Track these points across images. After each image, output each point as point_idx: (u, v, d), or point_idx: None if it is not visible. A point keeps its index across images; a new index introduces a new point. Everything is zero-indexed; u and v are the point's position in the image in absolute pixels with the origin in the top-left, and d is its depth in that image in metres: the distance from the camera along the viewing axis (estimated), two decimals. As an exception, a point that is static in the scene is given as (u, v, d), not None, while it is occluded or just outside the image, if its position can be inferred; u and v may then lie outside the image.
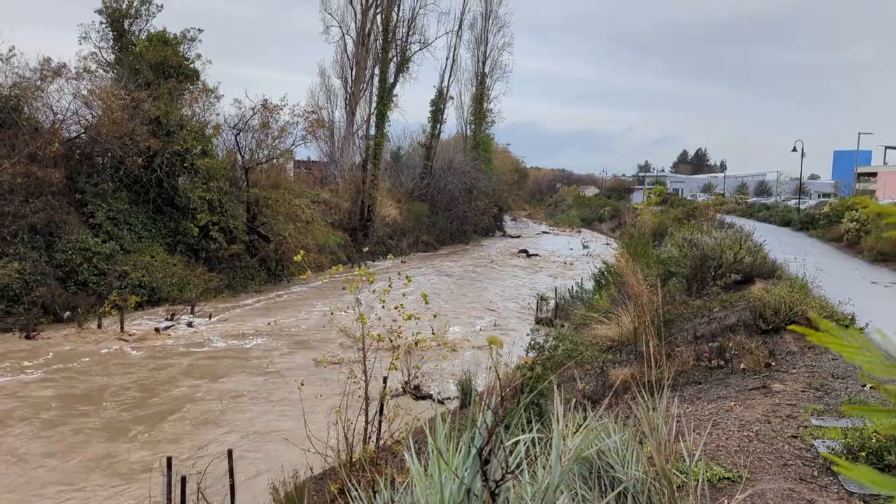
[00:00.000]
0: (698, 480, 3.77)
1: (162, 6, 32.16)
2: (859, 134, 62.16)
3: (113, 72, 30.79)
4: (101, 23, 31.11)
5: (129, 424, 13.71)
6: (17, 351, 18.79)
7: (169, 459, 9.22)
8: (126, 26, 31.47)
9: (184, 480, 8.64)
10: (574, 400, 8.55)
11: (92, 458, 12.08)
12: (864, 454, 5.58)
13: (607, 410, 6.94)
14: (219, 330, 22.43)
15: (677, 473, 3.63)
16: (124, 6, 31.37)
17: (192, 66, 32.26)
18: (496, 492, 2.00)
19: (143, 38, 31.67)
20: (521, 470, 2.64)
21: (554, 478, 2.36)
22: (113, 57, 31.36)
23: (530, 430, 3.19)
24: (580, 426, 2.95)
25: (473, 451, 2.10)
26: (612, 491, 3.77)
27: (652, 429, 3.60)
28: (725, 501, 4.57)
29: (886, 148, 74.90)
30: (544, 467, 2.44)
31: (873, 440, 5.64)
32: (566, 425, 2.75)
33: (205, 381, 16.77)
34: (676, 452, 3.88)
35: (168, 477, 9.05)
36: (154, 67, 30.41)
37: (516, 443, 2.86)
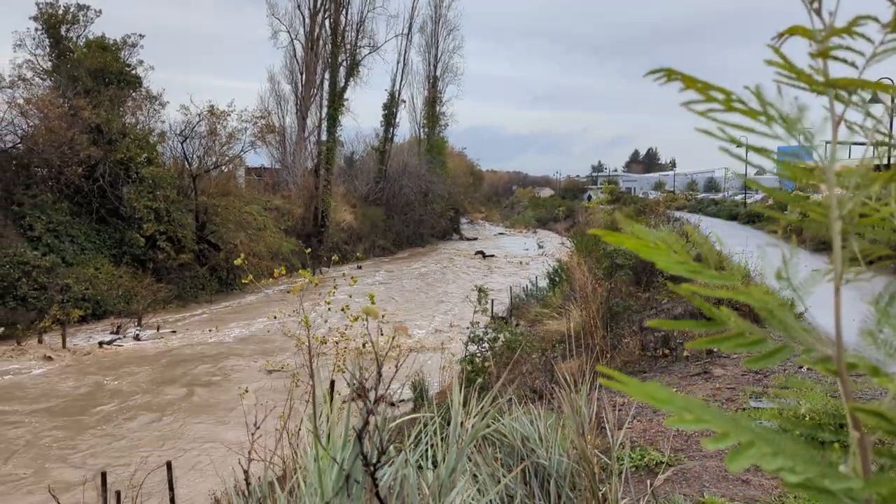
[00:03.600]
0: (624, 464, 3.70)
1: (101, 11, 31.37)
2: (802, 129, 63.92)
3: (50, 79, 29.85)
4: (37, 29, 30.18)
5: (66, 439, 13.17)
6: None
7: (104, 474, 8.85)
8: (63, 32, 30.56)
9: (118, 496, 8.29)
10: (523, 393, 8.48)
11: (22, 475, 11.55)
12: (797, 433, 5.62)
13: (551, 401, 6.83)
14: (167, 341, 21.83)
15: (601, 456, 3.54)
16: (60, 12, 30.46)
17: (133, 72, 31.46)
18: (374, 475, 1.87)
19: (82, 44, 30.76)
20: (424, 455, 2.52)
21: (450, 460, 2.25)
22: (50, 64, 30.41)
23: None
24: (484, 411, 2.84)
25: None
26: (537, 478, 3.67)
27: (574, 411, 3.51)
28: (650, 482, 4.52)
29: (827, 143, 77.51)
30: (444, 459, 2.32)
31: (807, 418, 5.68)
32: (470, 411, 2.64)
33: (149, 392, 16.26)
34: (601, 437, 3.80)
35: (103, 494, 8.68)
36: (93, 74, 29.50)
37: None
